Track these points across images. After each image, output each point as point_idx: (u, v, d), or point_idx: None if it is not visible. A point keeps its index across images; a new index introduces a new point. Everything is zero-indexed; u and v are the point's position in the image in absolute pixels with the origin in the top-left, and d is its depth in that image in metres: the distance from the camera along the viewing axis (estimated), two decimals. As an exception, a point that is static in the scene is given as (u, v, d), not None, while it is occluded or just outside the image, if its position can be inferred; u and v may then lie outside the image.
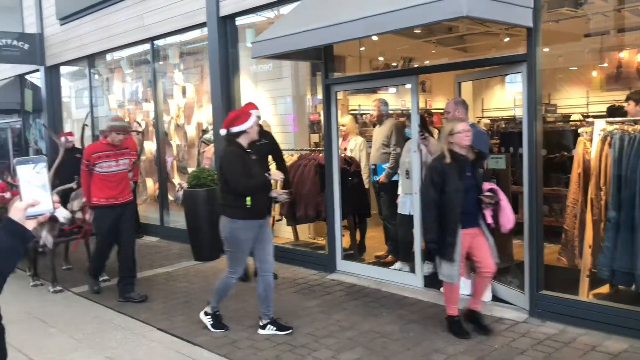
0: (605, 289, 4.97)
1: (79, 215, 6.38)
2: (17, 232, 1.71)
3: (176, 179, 9.54)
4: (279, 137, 8.06)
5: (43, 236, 6.03)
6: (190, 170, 8.65)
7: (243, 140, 4.58)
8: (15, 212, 1.72)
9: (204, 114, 9.00)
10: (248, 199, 4.46)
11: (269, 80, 8.13)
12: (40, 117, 13.00)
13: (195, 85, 9.24)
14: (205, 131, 8.81)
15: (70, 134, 9.00)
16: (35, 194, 1.72)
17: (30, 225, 1.74)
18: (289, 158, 7.63)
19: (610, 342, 4.29)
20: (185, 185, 7.62)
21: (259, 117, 4.87)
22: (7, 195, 6.98)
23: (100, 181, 5.76)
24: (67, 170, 6.67)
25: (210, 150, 8.03)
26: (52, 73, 12.18)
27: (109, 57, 10.86)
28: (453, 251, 4.38)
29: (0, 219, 4.84)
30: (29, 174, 1.72)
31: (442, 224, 4.43)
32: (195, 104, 9.23)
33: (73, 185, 6.37)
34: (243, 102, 7.66)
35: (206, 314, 4.89)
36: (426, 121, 6.85)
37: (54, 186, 7.37)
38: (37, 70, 12.51)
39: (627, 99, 5.18)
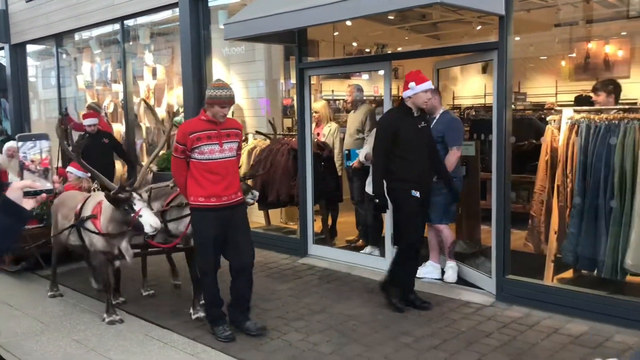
0: (569, 273, 5.10)
1: (175, 227, 4.96)
2: (14, 211, 1.70)
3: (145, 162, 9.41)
4: (251, 121, 8.05)
5: (123, 247, 4.59)
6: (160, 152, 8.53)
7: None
8: (12, 192, 1.71)
9: (175, 96, 8.88)
10: None
11: (242, 63, 8.05)
12: (4, 97, 12.65)
13: (165, 67, 9.09)
14: (176, 113, 8.69)
15: (94, 114, 8.11)
16: (34, 173, 1.70)
17: (28, 205, 1.73)
18: (262, 142, 7.60)
19: (572, 325, 4.42)
20: (154, 168, 7.53)
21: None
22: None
23: (199, 173, 4.19)
24: (93, 159, 5.74)
25: (181, 133, 7.92)
26: (18, 51, 11.83)
27: (77, 36, 10.60)
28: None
29: None
30: (29, 151, 1.70)
31: None
32: (165, 85, 9.09)
33: (170, 183, 5.25)
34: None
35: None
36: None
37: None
38: (1, 49, 12.15)
39: (596, 90, 5.25)
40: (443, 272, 5.61)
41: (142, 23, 8.93)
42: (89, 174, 6.02)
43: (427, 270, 5.63)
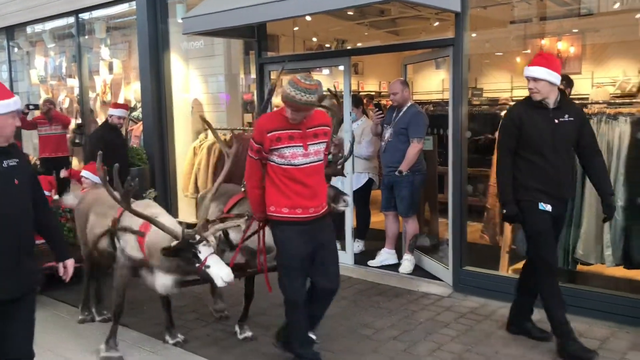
0: (523, 264, 5.25)
1: (238, 236, 3.99)
2: None
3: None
4: (210, 117, 7.97)
5: (162, 283, 3.69)
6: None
7: None
8: None
9: (132, 91, 8.73)
10: None
11: (201, 57, 7.96)
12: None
13: (122, 61, 8.92)
14: (133, 109, 8.55)
15: (124, 106, 7.00)
16: None
17: None
18: (222, 137, 7.55)
19: (526, 314, 4.56)
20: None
21: None
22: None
23: (279, 180, 3.48)
24: (117, 155, 4.94)
25: (139, 128, 7.81)
26: (-34, 44, 11.41)
27: (29, 29, 10.28)
28: None
29: None
30: None
31: None
32: (122, 80, 8.93)
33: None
34: (173, 80, 7.51)
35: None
36: (363, 103, 6.97)
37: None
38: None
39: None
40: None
41: (98, 16, 8.72)
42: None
43: (383, 258, 5.76)
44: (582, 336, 4.10)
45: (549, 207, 3.83)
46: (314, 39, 9.69)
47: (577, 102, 5.21)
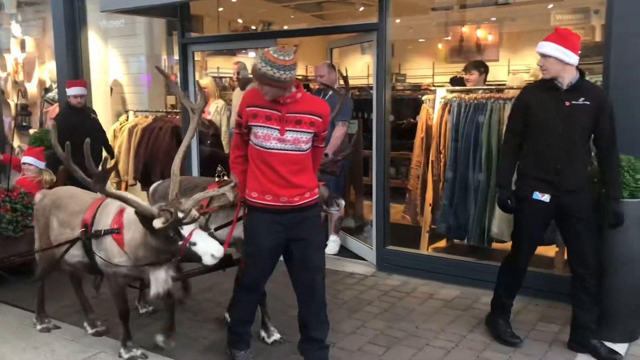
0: (443, 243, 5.49)
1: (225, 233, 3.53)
2: None
3: (16, 142, 8.75)
4: (131, 98, 7.72)
5: (160, 280, 3.25)
6: (32, 131, 7.98)
7: None
8: None
9: (47, 71, 8.30)
10: None
11: (121, 37, 7.68)
12: None
13: (36, 39, 8.46)
14: (48, 89, 8.14)
15: (82, 83, 6.38)
16: None
17: None
18: (144, 120, 7.34)
19: (445, 290, 4.77)
20: (25, 147, 7.02)
21: None
22: None
23: (253, 161, 3.23)
24: (78, 141, 4.71)
25: (54, 110, 7.45)
26: None
27: None
28: None
29: None
30: None
31: None
32: (36, 59, 8.46)
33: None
34: (91, 60, 7.20)
35: None
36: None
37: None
38: None
39: (468, 69, 5.60)
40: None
41: (7, -10, 8.22)
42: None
43: (330, 248, 5.78)
44: (496, 309, 4.35)
45: (545, 198, 3.53)
46: (240, 21, 9.54)
47: (492, 87, 5.46)
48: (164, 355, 3.68)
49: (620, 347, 3.67)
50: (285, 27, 9.29)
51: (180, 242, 3.02)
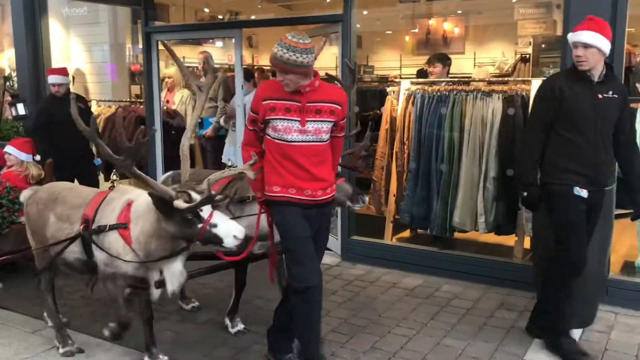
0: (406, 233, 5.56)
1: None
2: None
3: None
4: (94, 88, 7.59)
5: (176, 272, 3.04)
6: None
7: None
8: None
9: (7, 59, 8.09)
10: None
11: (84, 25, 7.55)
12: None
13: (-6, 26, 8.23)
14: (7, 77, 7.93)
15: (62, 71, 5.95)
16: None
17: None
18: (107, 110, 7.23)
19: (408, 279, 4.84)
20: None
21: None
22: None
23: (272, 156, 3.09)
24: (63, 133, 4.14)
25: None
26: None
27: None
28: None
29: None
30: None
31: None
32: (-5, 47, 8.25)
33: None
34: (53, 48, 7.04)
35: None
36: (254, 76, 6.93)
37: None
38: None
39: (431, 62, 5.66)
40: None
41: (-38, -25, 7.96)
42: (38, 157, 4.75)
43: None
44: (457, 297, 4.45)
45: (584, 193, 3.34)
46: (206, 10, 9.45)
47: (455, 79, 5.54)
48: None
49: (575, 333, 3.79)
50: (253, 17, 9.24)
51: (200, 225, 2.81)
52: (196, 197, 2.81)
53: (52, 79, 5.78)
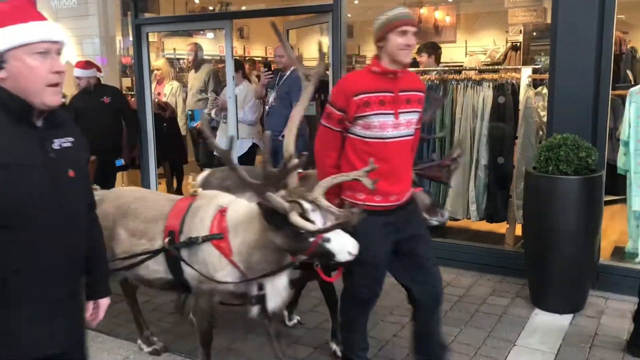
0: None
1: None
2: None
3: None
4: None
5: (279, 288, 2.77)
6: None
7: None
8: None
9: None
10: None
11: (73, 17, 7.47)
12: None
13: (-18, 20, 8.15)
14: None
15: (90, 63, 5.93)
16: None
17: None
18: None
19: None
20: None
21: None
22: None
23: (358, 157, 2.72)
24: (84, 124, 3.73)
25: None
26: None
27: None
28: None
29: None
30: None
31: None
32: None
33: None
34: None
35: None
36: (244, 67, 6.90)
37: None
38: None
39: (420, 51, 5.69)
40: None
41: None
42: None
43: None
44: (450, 285, 4.47)
45: None
46: (196, 1, 9.41)
47: (446, 68, 5.54)
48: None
49: (566, 318, 3.84)
50: (244, 8, 9.20)
51: (312, 239, 2.47)
52: (307, 207, 2.47)
53: (77, 72, 5.84)
